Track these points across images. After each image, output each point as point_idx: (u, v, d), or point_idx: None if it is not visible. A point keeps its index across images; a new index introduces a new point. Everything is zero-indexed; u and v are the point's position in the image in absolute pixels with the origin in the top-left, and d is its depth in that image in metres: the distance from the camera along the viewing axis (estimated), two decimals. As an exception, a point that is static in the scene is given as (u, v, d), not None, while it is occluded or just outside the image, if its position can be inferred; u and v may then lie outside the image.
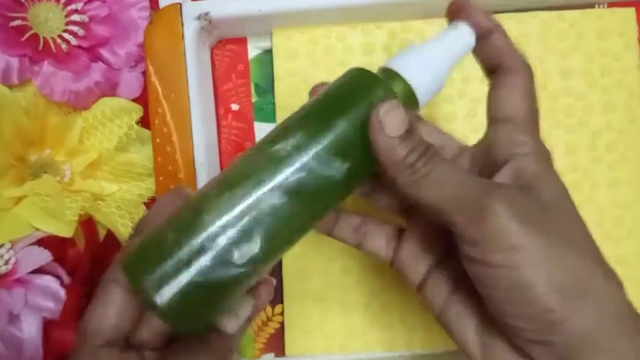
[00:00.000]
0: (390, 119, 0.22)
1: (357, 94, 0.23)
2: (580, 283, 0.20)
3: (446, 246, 0.25)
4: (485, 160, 0.24)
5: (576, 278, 0.20)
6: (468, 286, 0.23)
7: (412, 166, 0.21)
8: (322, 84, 0.25)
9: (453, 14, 0.24)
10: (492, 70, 0.24)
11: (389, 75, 0.24)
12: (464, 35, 0.24)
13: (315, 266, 0.35)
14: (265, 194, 0.21)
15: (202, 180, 0.33)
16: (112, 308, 0.22)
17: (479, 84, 0.35)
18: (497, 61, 0.24)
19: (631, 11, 0.35)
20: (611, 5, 0.35)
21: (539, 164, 0.22)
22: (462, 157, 0.26)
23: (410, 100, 0.24)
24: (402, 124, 0.22)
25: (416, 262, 0.25)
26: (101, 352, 0.22)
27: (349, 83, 0.23)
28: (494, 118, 0.24)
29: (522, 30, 0.35)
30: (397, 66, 0.24)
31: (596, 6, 0.35)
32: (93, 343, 0.22)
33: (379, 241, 0.27)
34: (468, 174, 0.22)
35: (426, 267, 0.25)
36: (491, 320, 0.22)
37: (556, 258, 0.20)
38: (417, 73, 0.23)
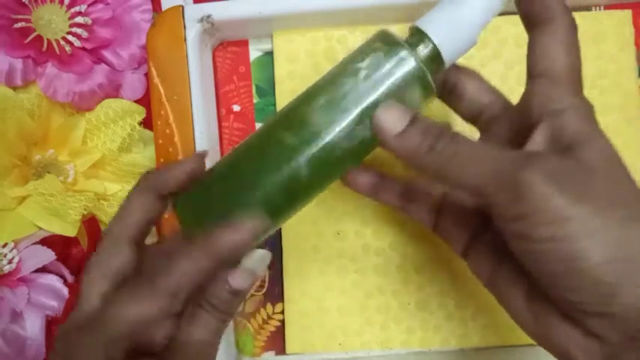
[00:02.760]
0: (386, 120, 0.22)
1: (376, 55, 0.24)
2: (634, 249, 0.18)
3: (485, 220, 0.24)
4: (522, 121, 0.22)
5: (631, 245, 0.18)
6: (513, 258, 0.22)
7: (432, 149, 0.21)
8: None
9: None
10: (531, 24, 0.22)
11: (415, 34, 0.24)
12: None
13: (314, 266, 0.35)
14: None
15: (204, 180, 0.33)
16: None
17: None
18: (535, 12, 0.22)
19: (627, 13, 0.35)
20: (607, 8, 0.36)
21: (579, 121, 0.20)
22: (502, 119, 0.25)
23: (436, 60, 0.24)
24: (403, 118, 0.22)
25: (457, 232, 0.25)
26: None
27: (371, 44, 0.24)
28: (530, 74, 0.22)
29: (521, 32, 0.35)
30: (424, 24, 0.24)
31: (593, 8, 0.36)
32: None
33: (422, 210, 0.27)
34: (496, 149, 0.20)
35: (468, 237, 0.25)
36: (541, 293, 0.20)
37: (606, 225, 0.18)
38: (443, 32, 0.23)
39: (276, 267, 0.36)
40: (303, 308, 0.35)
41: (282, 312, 0.36)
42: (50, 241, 0.34)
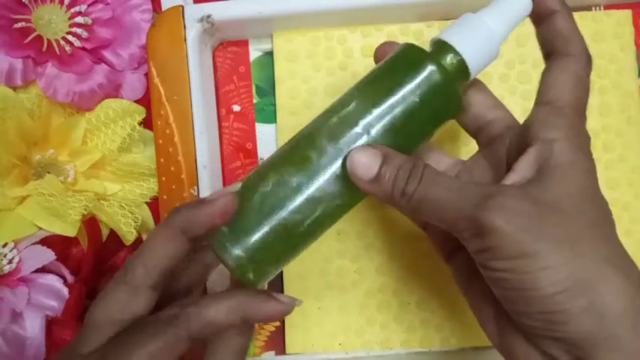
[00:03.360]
0: (358, 164, 0.22)
1: (404, 70, 0.24)
2: (584, 283, 0.19)
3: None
4: (520, 143, 0.23)
5: (580, 279, 0.20)
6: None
7: (404, 193, 0.22)
8: (390, 43, 0.26)
9: None
10: (549, 54, 0.24)
11: (440, 47, 0.24)
12: (518, 2, 0.24)
13: (313, 266, 0.35)
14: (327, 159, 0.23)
15: (204, 180, 0.33)
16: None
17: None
18: (554, 45, 0.23)
19: (627, 13, 0.35)
20: (607, 7, 0.36)
21: (566, 154, 0.21)
22: (503, 138, 0.25)
23: (461, 71, 0.24)
24: (374, 161, 0.22)
25: (442, 239, 0.26)
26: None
27: (399, 59, 0.24)
28: (537, 101, 0.23)
29: (521, 32, 0.35)
30: (449, 37, 0.24)
31: (593, 8, 0.36)
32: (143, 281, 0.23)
33: None
34: (462, 186, 0.22)
35: (451, 247, 0.26)
36: (506, 311, 0.22)
37: (559, 262, 0.20)
38: (468, 44, 0.24)
39: (276, 267, 0.36)
40: (303, 308, 0.35)
41: (282, 312, 0.36)
42: (50, 241, 0.33)
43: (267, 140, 0.36)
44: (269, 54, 0.37)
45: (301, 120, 0.25)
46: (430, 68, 0.23)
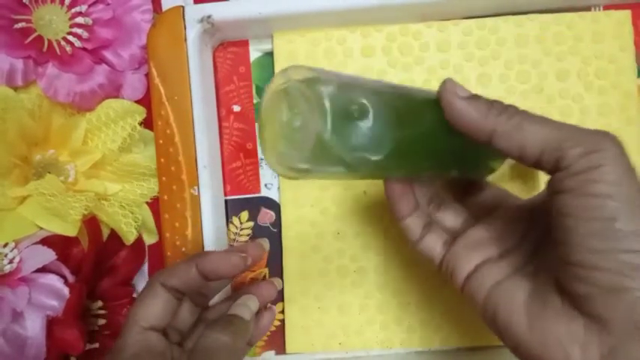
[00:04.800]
0: (457, 86, 0.23)
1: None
2: None
3: (515, 238, 0.26)
4: None
5: None
6: (527, 270, 0.24)
7: (506, 110, 0.22)
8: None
9: None
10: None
11: None
12: None
13: (314, 267, 0.35)
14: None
15: (204, 180, 0.33)
16: (158, 302, 0.28)
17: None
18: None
19: (626, 14, 0.36)
20: (607, 8, 0.36)
21: None
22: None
23: None
24: (467, 91, 0.23)
25: (469, 257, 0.26)
26: (148, 332, 0.27)
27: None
28: None
29: (520, 32, 0.35)
30: None
31: (593, 8, 0.36)
32: (141, 325, 0.27)
33: (436, 243, 0.27)
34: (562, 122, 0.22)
35: (480, 259, 0.25)
36: (547, 283, 0.22)
37: None
38: None
39: (276, 267, 0.36)
40: (303, 308, 0.35)
41: (282, 312, 0.36)
42: (51, 241, 0.34)
43: (268, 140, 0.37)
44: (269, 54, 0.37)
45: (301, 120, 0.25)
46: None
